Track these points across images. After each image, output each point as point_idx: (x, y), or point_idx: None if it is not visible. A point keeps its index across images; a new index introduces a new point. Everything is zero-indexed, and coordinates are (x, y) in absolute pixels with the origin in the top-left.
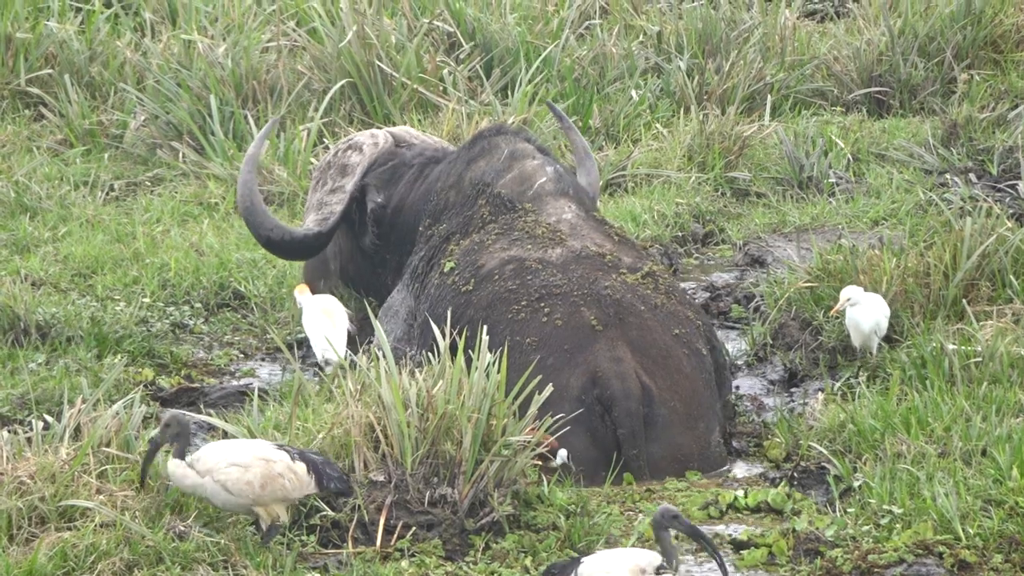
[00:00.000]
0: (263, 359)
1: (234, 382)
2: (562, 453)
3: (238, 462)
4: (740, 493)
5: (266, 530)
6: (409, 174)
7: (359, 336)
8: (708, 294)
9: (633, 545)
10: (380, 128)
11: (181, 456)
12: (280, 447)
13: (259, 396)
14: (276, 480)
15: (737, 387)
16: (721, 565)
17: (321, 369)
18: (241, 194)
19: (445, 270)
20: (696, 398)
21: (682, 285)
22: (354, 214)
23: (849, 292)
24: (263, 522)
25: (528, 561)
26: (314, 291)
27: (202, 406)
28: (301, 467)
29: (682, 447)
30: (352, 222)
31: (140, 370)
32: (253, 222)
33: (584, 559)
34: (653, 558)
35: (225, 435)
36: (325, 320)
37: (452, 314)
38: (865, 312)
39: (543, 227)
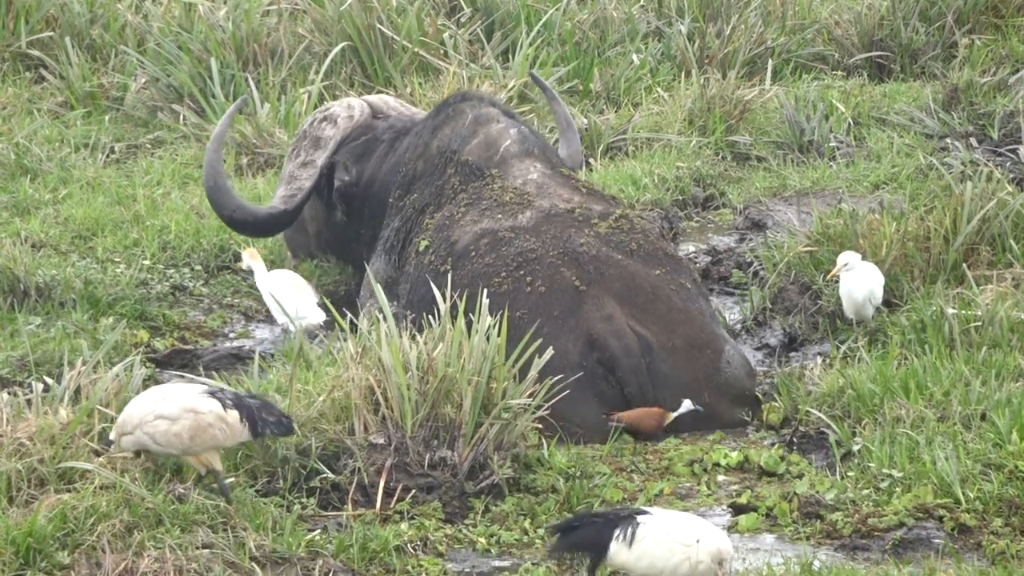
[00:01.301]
0: (260, 321)
1: (227, 344)
2: (687, 403)
3: (165, 414)
4: (733, 452)
5: (220, 488)
6: (380, 149)
7: (358, 303)
8: (709, 258)
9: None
10: (358, 97)
11: (108, 443)
12: (212, 394)
13: (258, 358)
14: (206, 431)
15: None
16: None
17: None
18: (206, 174)
19: (420, 249)
20: (695, 327)
21: (682, 248)
22: (324, 189)
23: (846, 257)
24: (198, 470)
25: (527, 523)
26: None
27: (201, 368)
28: (233, 415)
29: (692, 383)
30: (324, 194)
31: (135, 332)
32: (217, 202)
33: (643, 520)
34: (728, 543)
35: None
36: (293, 289)
37: (434, 300)
38: (859, 280)
39: (510, 192)
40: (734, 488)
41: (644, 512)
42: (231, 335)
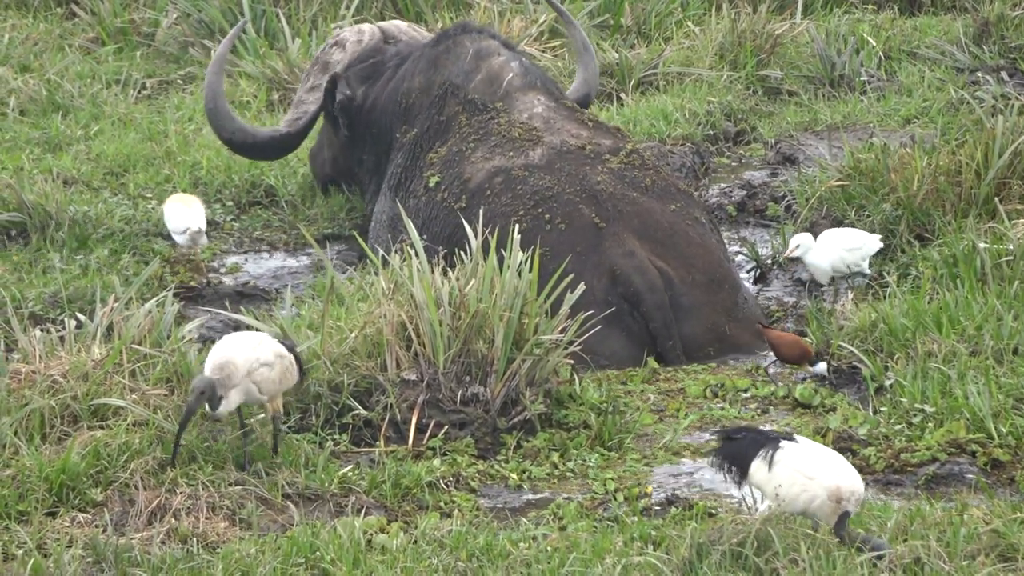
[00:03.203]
0: (245, 252)
1: (225, 279)
2: (821, 366)
3: (266, 361)
4: (755, 383)
5: (275, 431)
6: (386, 74)
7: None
8: (744, 192)
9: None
10: (372, 23)
11: (216, 407)
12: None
13: (277, 295)
14: (287, 374)
15: (768, 288)
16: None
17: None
18: (206, 96)
19: (430, 184)
20: (712, 262)
21: (715, 182)
22: (331, 110)
23: (799, 239)
24: (267, 414)
25: (557, 458)
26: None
27: (228, 303)
28: (292, 358)
29: (713, 317)
30: (333, 118)
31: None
32: (216, 124)
33: (786, 444)
34: (855, 485)
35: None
36: (183, 206)
37: (451, 237)
38: (821, 254)
39: (518, 128)
40: (763, 420)
41: (791, 439)
42: (221, 269)
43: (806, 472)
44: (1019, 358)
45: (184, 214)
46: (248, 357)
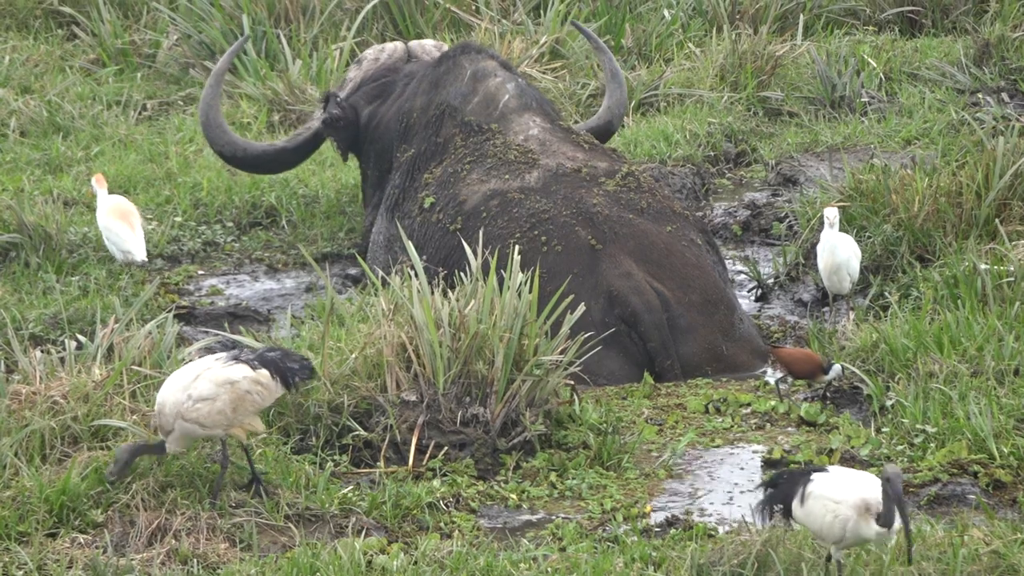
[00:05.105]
0: (224, 274)
1: (217, 300)
2: (836, 368)
3: (205, 396)
4: (757, 398)
5: (220, 470)
6: (395, 94)
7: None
8: (748, 212)
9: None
10: (403, 41)
11: (162, 449)
12: (236, 360)
13: (270, 317)
14: (245, 399)
15: (769, 305)
16: (908, 541)
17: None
18: (201, 109)
19: (425, 206)
20: (708, 283)
21: (719, 203)
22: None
23: (832, 211)
24: (240, 441)
25: (554, 477)
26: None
27: (226, 324)
28: (264, 374)
29: (709, 337)
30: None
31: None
32: (210, 137)
33: (816, 476)
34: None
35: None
36: (123, 224)
37: (446, 258)
38: (839, 246)
39: (514, 150)
40: (764, 439)
41: (822, 470)
42: (199, 292)
43: (832, 497)
44: (1020, 379)
45: (128, 239)
46: (176, 400)
